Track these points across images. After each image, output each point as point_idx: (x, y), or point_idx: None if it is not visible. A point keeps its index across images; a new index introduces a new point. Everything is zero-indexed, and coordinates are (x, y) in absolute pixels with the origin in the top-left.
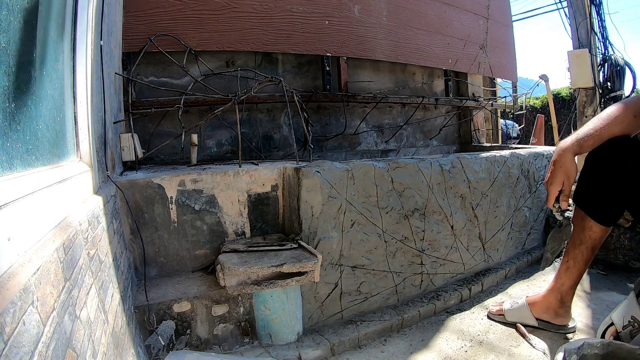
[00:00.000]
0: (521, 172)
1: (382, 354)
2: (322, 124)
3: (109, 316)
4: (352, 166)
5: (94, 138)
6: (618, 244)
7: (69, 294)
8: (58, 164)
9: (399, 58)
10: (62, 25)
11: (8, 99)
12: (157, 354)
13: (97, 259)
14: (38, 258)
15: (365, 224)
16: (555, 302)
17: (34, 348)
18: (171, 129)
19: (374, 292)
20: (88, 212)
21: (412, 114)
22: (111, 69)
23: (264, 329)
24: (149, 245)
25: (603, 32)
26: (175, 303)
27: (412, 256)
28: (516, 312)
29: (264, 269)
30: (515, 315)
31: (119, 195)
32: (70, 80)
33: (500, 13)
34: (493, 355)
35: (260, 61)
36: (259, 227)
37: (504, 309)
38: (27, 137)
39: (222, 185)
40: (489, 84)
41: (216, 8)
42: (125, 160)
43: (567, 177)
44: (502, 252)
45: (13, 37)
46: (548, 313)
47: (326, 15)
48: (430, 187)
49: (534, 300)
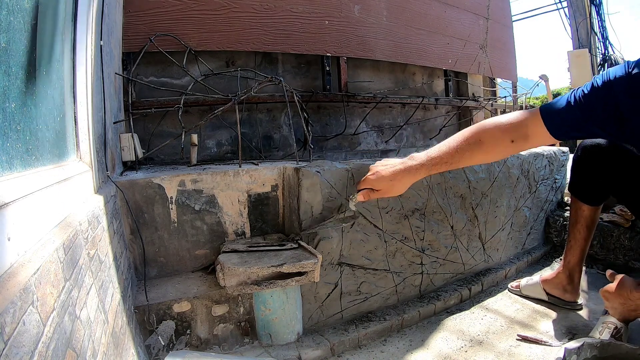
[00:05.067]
0: (521, 172)
1: (382, 354)
2: (322, 124)
3: (109, 316)
4: (352, 166)
5: (94, 138)
6: (618, 244)
7: (69, 294)
8: (58, 164)
9: (399, 58)
10: (62, 25)
11: (8, 99)
12: (157, 354)
13: (97, 259)
14: (38, 258)
15: (365, 224)
16: (564, 279)
17: (34, 348)
18: (171, 129)
19: (374, 292)
20: (88, 212)
21: (412, 114)
22: (111, 69)
23: (264, 329)
24: (149, 245)
25: (603, 32)
26: (175, 303)
27: (412, 256)
28: (530, 287)
29: (264, 269)
30: (529, 289)
31: (119, 195)
32: (70, 80)
33: (500, 13)
34: (493, 355)
35: (260, 61)
36: (259, 227)
37: (520, 285)
38: (27, 137)
39: (222, 185)
40: (489, 84)
41: (216, 8)
42: (125, 160)
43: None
44: (502, 252)
45: (13, 37)
46: (558, 289)
47: (326, 15)
48: (430, 187)
49: (546, 277)
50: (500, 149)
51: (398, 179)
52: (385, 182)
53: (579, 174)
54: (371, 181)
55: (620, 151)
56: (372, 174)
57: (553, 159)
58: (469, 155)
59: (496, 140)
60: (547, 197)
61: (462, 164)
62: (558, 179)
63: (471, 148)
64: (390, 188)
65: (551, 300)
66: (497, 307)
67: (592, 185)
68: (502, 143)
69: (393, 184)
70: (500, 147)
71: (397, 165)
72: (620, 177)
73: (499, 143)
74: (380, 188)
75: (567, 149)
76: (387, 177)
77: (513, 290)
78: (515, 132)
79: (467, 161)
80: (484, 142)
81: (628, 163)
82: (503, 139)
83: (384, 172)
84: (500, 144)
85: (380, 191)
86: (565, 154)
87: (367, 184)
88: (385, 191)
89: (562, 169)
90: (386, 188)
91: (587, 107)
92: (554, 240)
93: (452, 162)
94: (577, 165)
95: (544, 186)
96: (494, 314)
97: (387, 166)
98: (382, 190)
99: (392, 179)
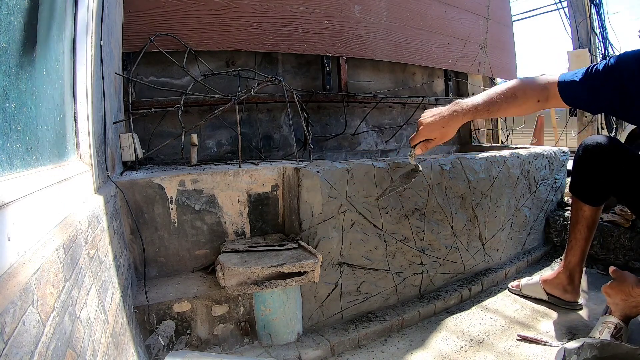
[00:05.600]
0: (521, 172)
1: (382, 354)
2: (322, 124)
3: (109, 316)
4: (352, 166)
5: (94, 138)
6: (618, 244)
7: (69, 294)
8: (58, 164)
9: (399, 58)
10: (62, 25)
11: (8, 99)
12: (157, 354)
13: (97, 259)
14: (38, 258)
15: (365, 224)
16: (565, 279)
17: (34, 348)
18: (171, 129)
19: (374, 292)
20: (88, 212)
21: (412, 114)
22: (111, 69)
23: (264, 329)
24: (149, 245)
25: (603, 32)
26: (175, 303)
27: (412, 256)
28: (530, 287)
29: (264, 269)
30: (529, 289)
31: (119, 195)
32: (70, 80)
33: (500, 13)
34: (493, 355)
35: (260, 61)
36: (259, 227)
37: (520, 284)
38: (27, 137)
39: (222, 185)
40: (489, 84)
41: (216, 8)
42: (125, 160)
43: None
44: (502, 252)
45: (13, 37)
46: (558, 289)
47: (326, 15)
48: (430, 187)
49: (546, 277)
50: (530, 104)
51: (449, 125)
52: (438, 129)
53: (580, 174)
54: (425, 132)
55: (620, 151)
56: (423, 127)
57: (553, 159)
58: (505, 107)
59: (527, 97)
60: (547, 197)
61: (499, 113)
62: (558, 179)
63: (508, 100)
64: (444, 134)
65: (551, 300)
66: (497, 307)
67: (593, 186)
68: (531, 100)
69: (445, 130)
70: (530, 102)
71: (444, 112)
72: (620, 177)
73: (528, 99)
74: (435, 136)
75: (568, 149)
76: (439, 124)
77: (513, 290)
78: (541, 94)
79: (504, 112)
80: (518, 96)
81: (629, 163)
82: (532, 96)
83: (434, 121)
84: (530, 100)
85: (435, 139)
86: (565, 154)
87: (422, 136)
88: (440, 138)
89: (562, 169)
90: (440, 135)
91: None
92: (554, 241)
93: (491, 110)
94: (578, 165)
95: (544, 186)
96: (494, 314)
97: (435, 115)
98: (436, 137)
99: (443, 125)
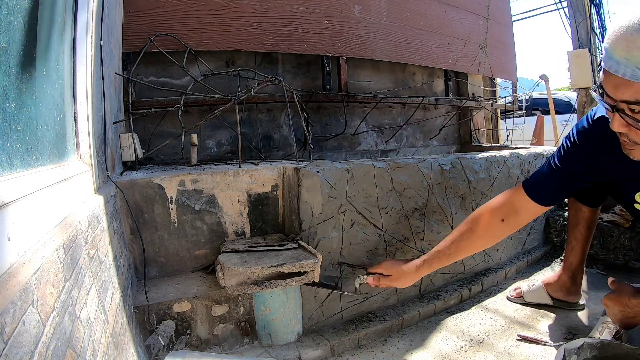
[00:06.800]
0: (521, 172)
1: (382, 354)
2: (322, 124)
3: (109, 316)
4: (352, 166)
5: (94, 138)
6: (618, 244)
7: (69, 294)
8: (58, 164)
9: (399, 58)
10: (62, 25)
11: (8, 99)
12: (157, 354)
13: (97, 259)
14: (38, 258)
15: (365, 224)
16: (567, 280)
17: (34, 348)
18: (171, 129)
19: (374, 292)
20: (88, 212)
21: (412, 114)
22: (111, 69)
23: (264, 329)
24: (149, 245)
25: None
26: (175, 303)
27: (412, 256)
28: (534, 293)
29: (264, 269)
30: (533, 296)
31: (119, 195)
32: (70, 80)
33: (500, 13)
34: (493, 355)
35: (260, 61)
36: (259, 227)
37: (522, 291)
38: (27, 137)
39: (222, 185)
40: (489, 84)
41: (216, 8)
42: (125, 160)
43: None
44: (502, 252)
45: (13, 37)
46: (562, 291)
47: (326, 15)
48: (430, 187)
49: (548, 281)
50: (494, 229)
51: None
52: (396, 269)
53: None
54: (385, 267)
55: None
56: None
57: None
58: (465, 245)
59: (486, 223)
60: None
61: (461, 254)
62: None
63: (465, 237)
64: (398, 278)
65: (556, 304)
66: (497, 307)
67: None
68: (494, 224)
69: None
70: (493, 228)
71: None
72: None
73: (490, 225)
74: (392, 274)
75: None
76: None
77: (514, 300)
78: (503, 211)
79: (466, 250)
80: (475, 228)
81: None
82: (493, 220)
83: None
84: (492, 226)
85: (391, 277)
86: None
87: (381, 269)
88: (396, 278)
89: None
90: (397, 275)
91: (565, 169)
92: (554, 240)
93: (450, 254)
94: None
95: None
96: (493, 314)
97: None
98: (392, 276)
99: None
